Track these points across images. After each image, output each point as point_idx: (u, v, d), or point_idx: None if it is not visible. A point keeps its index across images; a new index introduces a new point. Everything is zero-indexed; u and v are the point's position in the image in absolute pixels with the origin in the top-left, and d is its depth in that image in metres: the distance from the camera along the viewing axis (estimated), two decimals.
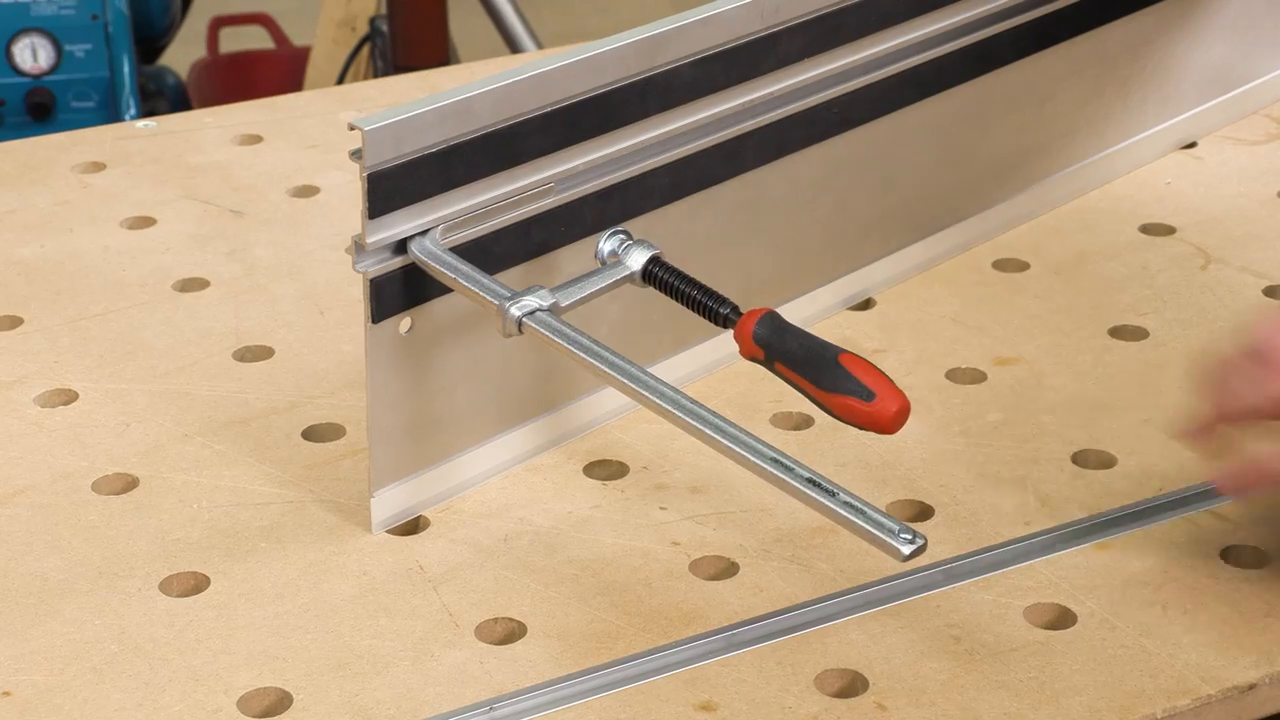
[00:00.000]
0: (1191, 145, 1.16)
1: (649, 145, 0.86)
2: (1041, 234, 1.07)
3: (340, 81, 2.18)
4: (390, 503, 0.83)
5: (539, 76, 0.80)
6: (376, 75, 2.08)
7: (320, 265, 1.04)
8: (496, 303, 0.77)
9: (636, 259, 0.80)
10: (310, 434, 0.90)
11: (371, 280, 0.78)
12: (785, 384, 0.92)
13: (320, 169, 1.14)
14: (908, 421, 0.89)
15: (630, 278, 0.80)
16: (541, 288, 0.78)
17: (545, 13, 3.39)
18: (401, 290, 0.79)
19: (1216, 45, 1.12)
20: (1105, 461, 0.87)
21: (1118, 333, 0.97)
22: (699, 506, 0.84)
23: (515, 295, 0.77)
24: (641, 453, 0.88)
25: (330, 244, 1.06)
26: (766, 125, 0.90)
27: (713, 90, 0.87)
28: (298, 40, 2.60)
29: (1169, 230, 1.07)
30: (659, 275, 0.80)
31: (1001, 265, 1.04)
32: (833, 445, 0.88)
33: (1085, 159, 1.10)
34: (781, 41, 0.88)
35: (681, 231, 0.90)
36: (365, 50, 2.18)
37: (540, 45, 2.22)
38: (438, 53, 1.95)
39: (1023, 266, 1.04)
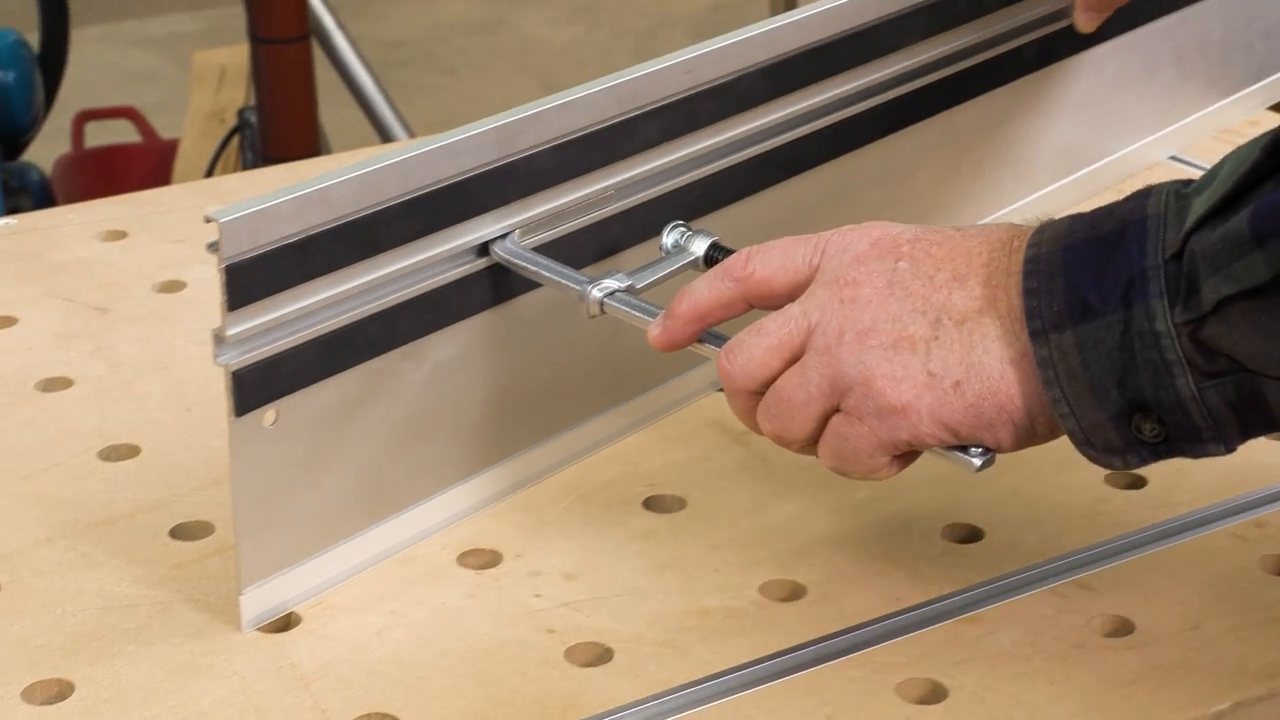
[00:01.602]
0: None
1: (510, 232, 0.86)
2: None
3: (209, 174, 2.17)
4: (260, 600, 0.82)
5: (396, 165, 0.80)
6: (246, 167, 2.08)
7: (188, 361, 1.03)
8: (578, 288, 0.83)
9: (699, 246, 0.86)
10: (178, 533, 0.88)
11: (233, 373, 0.78)
12: (660, 467, 0.93)
13: (187, 264, 1.13)
14: (781, 500, 0.90)
15: (694, 263, 0.86)
16: (618, 272, 0.84)
17: (417, 101, 3.40)
18: (265, 382, 0.79)
19: (1066, 125, 1.15)
20: (972, 535, 0.88)
21: None
22: (573, 593, 0.84)
23: (594, 280, 0.83)
24: (515, 540, 0.88)
25: (198, 339, 1.05)
26: (629, 209, 0.91)
27: (573, 175, 0.87)
28: (166, 133, 2.58)
29: None
30: (718, 260, 0.85)
31: None
32: (705, 527, 0.89)
33: None
34: (639, 126, 0.89)
35: (547, 318, 0.90)
36: (235, 142, 2.18)
37: (412, 134, 2.23)
38: (308, 144, 1.95)
39: None
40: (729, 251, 0.84)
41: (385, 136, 2.25)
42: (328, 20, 2.20)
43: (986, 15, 1.05)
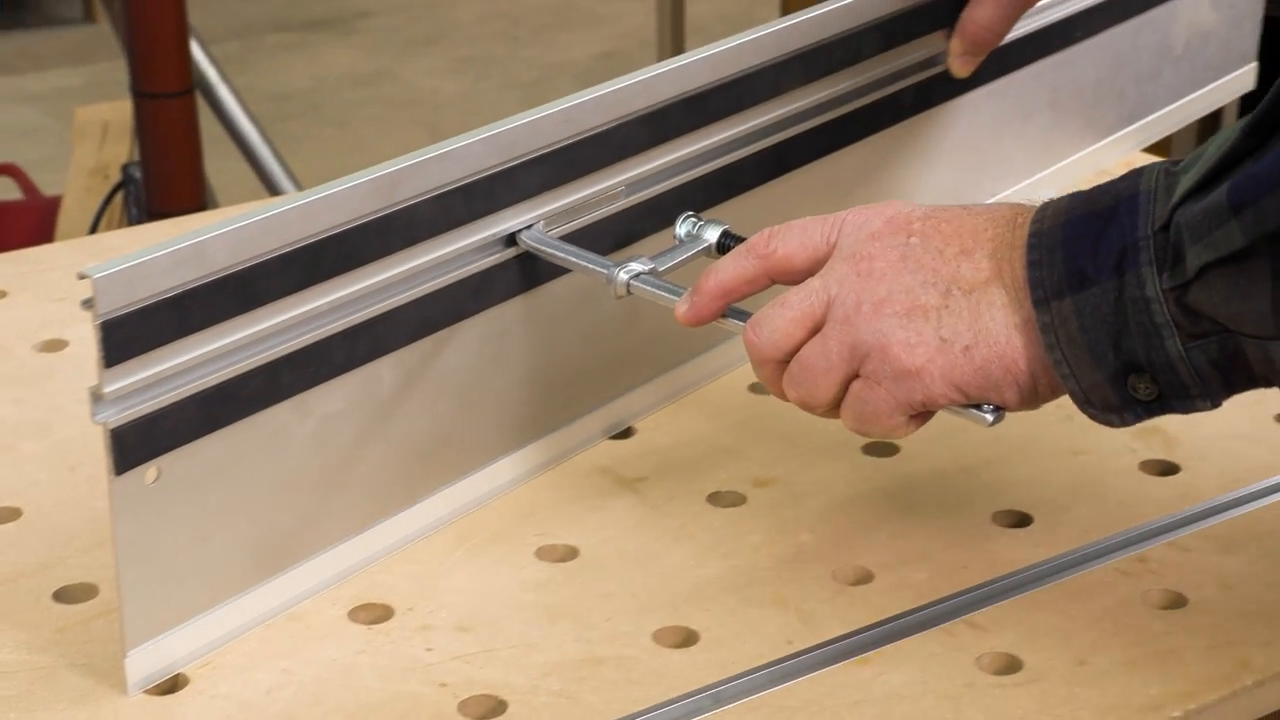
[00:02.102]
0: None
1: (394, 282, 0.86)
2: None
3: (94, 230, 2.15)
4: (146, 661, 0.81)
5: (274, 217, 0.79)
6: (132, 223, 2.05)
7: (70, 420, 1.02)
8: (605, 271, 0.89)
9: (711, 233, 0.92)
10: (61, 595, 0.87)
11: (112, 431, 0.77)
12: (551, 516, 0.93)
13: (69, 322, 1.12)
14: (672, 547, 0.90)
15: (707, 250, 0.91)
16: (641, 257, 0.89)
17: (305, 154, 3.39)
18: (145, 439, 0.78)
19: (946, 168, 1.16)
20: (862, 577, 0.88)
21: (870, 449, 0.99)
22: (466, 645, 0.83)
23: (620, 263, 0.89)
24: (406, 594, 0.87)
25: (81, 398, 1.01)
26: (511, 259, 0.91)
27: (455, 225, 0.87)
28: (48, 190, 2.55)
29: None
30: (729, 246, 0.91)
31: (757, 388, 1.06)
32: (598, 576, 0.88)
33: None
34: (520, 175, 0.89)
35: (433, 368, 0.89)
36: (119, 198, 2.15)
37: (300, 186, 2.22)
38: (193, 198, 1.93)
39: None
40: (739, 238, 0.90)
41: (272, 189, 2.24)
42: (212, 74, 2.18)
43: (862, 61, 1.06)
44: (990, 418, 0.80)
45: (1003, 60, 1.17)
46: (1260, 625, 0.83)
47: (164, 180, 1.93)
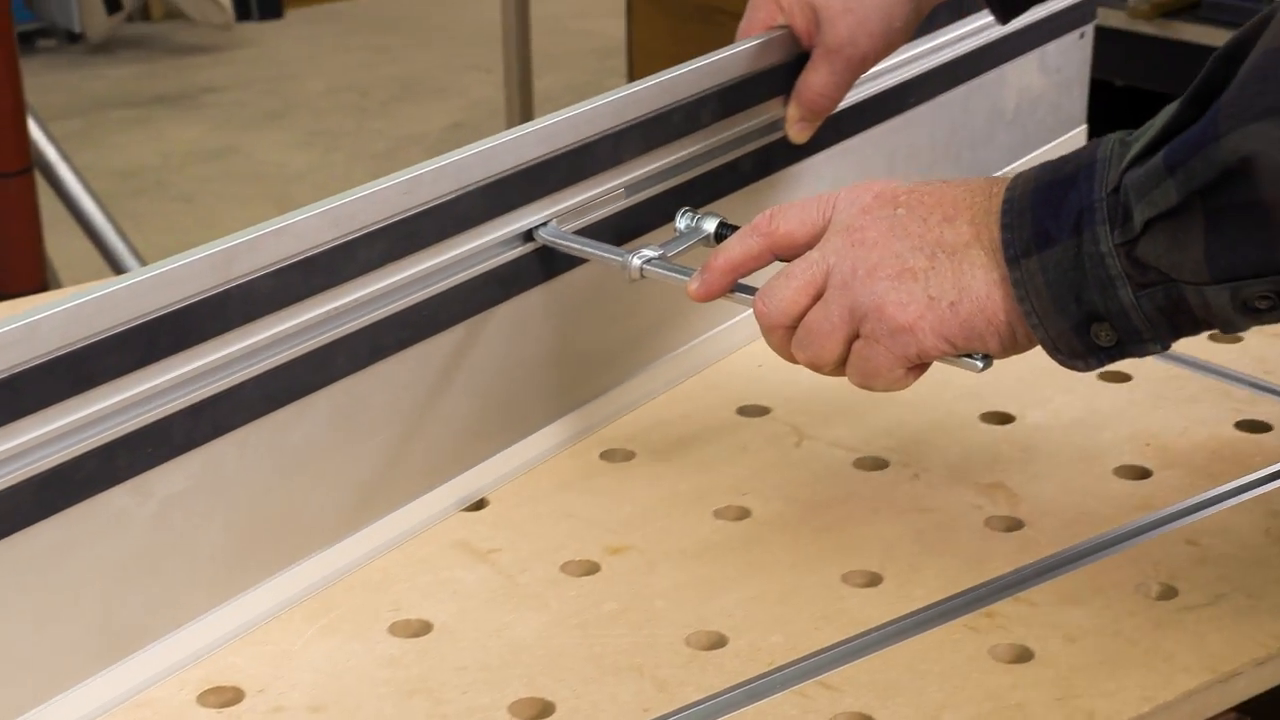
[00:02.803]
0: None
1: (235, 358, 0.85)
2: (644, 423, 1.09)
3: None
4: None
5: (107, 296, 0.78)
6: None
7: None
8: (620, 259, 0.97)
9: (709, 224, 1.00)
10: None
11: None
12: (405, 590, 0.92)
13: None
14: (527, 617, 0.89)
15: (706, 240, 1.00)
16: (652, 245, 0.98)
17: (150, 230, 3.34)
18: None
19: None
20: (717, 641, 0.88)
21: (721, 513, 0.99)
22: None
23: (633, 251, 0.98)
24: (257, 675, 0.86)
25: None
26: (356, 331, 0.90)
27: (295, 299, 0.87)
28: None
29: (764, 410, 1.10)
30: (726, 235, 0.99)
31: (608, 456, 1.06)
32: (453, 649, 0.88)
33: (679, 347, 1.13)
34: (360, 248, 0.89)
35: (278, 444, 0.88)
36: None
37: (144, 263, 2.19)
38: (34, 278, 1.90)
39: (629, 456, 1.06)
40: (734, 226, 0.98)
41: (116, 268, 2.21)
42: (51, 152, 2.16)
43: (701, 129, 1.07)
44: (980, 364, 0.87)
45: (840, 126, 1.18)
46: (1104, 676, 0.84)
47: (3, 261, 1.90)
